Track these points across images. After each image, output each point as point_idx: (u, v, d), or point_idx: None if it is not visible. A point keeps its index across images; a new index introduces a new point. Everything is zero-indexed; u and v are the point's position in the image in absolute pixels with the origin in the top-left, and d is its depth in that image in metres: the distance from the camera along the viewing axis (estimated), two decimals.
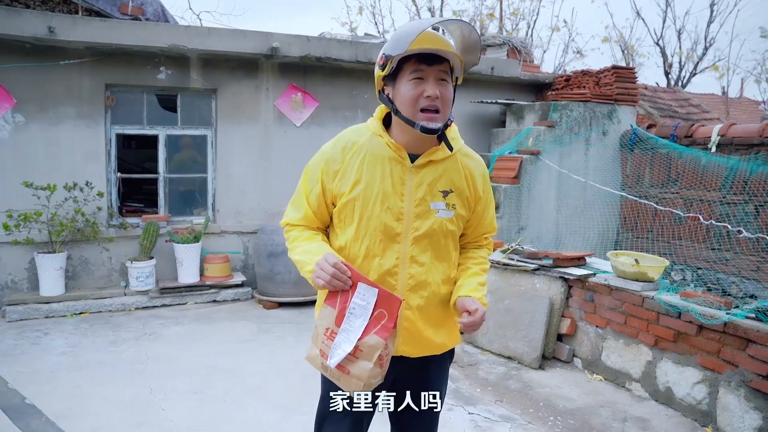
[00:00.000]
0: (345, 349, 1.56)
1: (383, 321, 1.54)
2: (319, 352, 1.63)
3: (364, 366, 1.54)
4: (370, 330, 1.55)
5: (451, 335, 1.87)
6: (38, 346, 4.47)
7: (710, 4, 13.35)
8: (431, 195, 1.71)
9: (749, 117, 11.08)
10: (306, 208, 1.79)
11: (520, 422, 3.37)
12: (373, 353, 1.53)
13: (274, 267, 5.59)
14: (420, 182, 1.70)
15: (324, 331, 1.62)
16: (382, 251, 1.70)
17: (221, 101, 6.09)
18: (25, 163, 5.36)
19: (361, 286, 1.57)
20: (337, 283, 1.58)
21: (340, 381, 1.61)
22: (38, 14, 5.15)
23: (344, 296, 1.59)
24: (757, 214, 5.32)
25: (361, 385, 1.56)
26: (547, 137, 6.30)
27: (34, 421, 3.25)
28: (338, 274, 1.58)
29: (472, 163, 1.81)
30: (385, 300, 1.55)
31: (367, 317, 1.55)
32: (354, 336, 1.56)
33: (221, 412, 3.42)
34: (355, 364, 1.56)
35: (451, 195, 1.74)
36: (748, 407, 3.11)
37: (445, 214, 1.72)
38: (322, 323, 1.64)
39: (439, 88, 1.64)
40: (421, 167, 1.71)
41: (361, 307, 1.56)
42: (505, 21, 12.78)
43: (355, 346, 1.55)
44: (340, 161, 1.72)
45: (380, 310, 1.55)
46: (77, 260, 5.62)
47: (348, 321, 1.57)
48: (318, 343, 1.64)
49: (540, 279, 4.46)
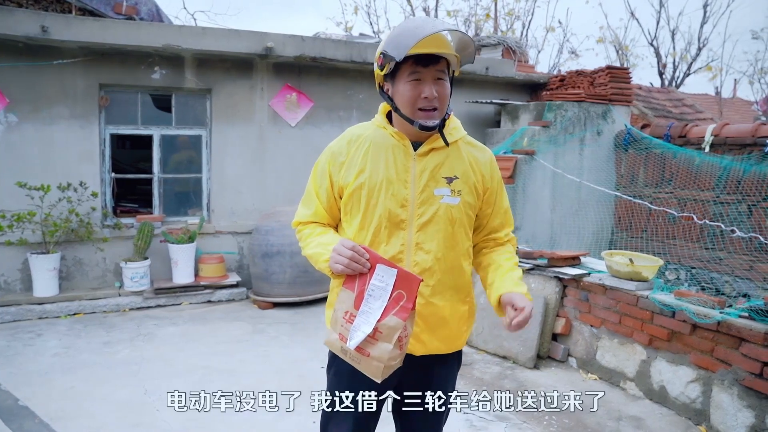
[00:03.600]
0: (364, 330, 1.56)
1: (402, 302, 1.54)
2: (338, 336, 1.62)
3: (384, 347, 1.54)
4: (389, 311, 1.55)
5: (458, 335, 1.82)
6: (32, 347, 4.45)
7: (703, 5, 13.43)
8: (435, 181, 1.71)
9: (742, 117, 11.15)
10: (316, 203, 1.81)
11: (516, 422, 3.38)
12: (393, 334, 1.53)
13: (269, 267, 5.58)
14: (423, 169, 1.71)
15: (343, 315, 1.62)
16: (387, 238, 1.71)
17: (216, 101, 6.08)
18: (18, 163, 5.33)
19: (380, 267, 1.57)
20: (355, 265, 1.59)
21: (360, 364, 1.60)
22: (31, 13, 5.12)
23: (362, 279, 1.60)
24: (750, 213, 5.35)
25: (381, 368, 1.55)
26: (541, 137, 6.32)
27: (27, 422, 3.23)
28: (356, 256, 1.59)
29: (475, 151, 1.82)
30: (404, 280, 1.55)
31: (386, 299, 1.55)
32: (373, 318, 1.56)
33: (215, 412, 3.41)
34: (375, 345, 1.55)
35: (456, 181, 1.73)
36: (741, 405, 3.12)
37: (451, 200, 1.71)
38: (340, 307, 1.64)
39: (436, 88, 1.66)
40: (424, 155, 1.73)
41: (380, 288, 1.56)
42: (500, 21, 12.81)
43: (375, 327, 1.55)
44: (345, 153, 1.76)
45: (399, 291, 1.55)
46: (71, 261, 5.59)
47: (367, 303, 1.57)
48: (337, 327, 1.64)
49: (535, 279, 4.47)
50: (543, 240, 6.28)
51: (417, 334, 1.72)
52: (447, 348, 1.82)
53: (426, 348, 1.77)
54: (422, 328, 1.73)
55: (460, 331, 1.82)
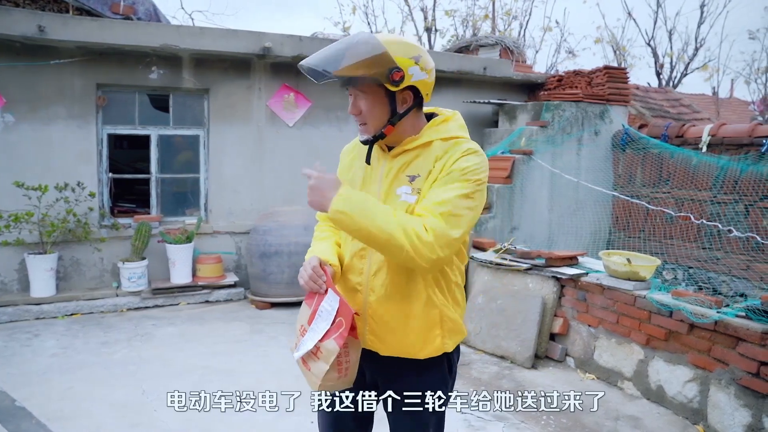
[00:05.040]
0: (308, 346, 1.67)
1: (341, 329, 1.63)
2: (294, 344, 1.76)
3: (321, 367, 1.64)
4: (330, 335, 1.64)
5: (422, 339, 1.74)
6: (29, 347, 4.44)
7: (700, 5, 13.45)
8: (398, 180, 1.73)
9: (739, 117, 11.17)
10: None
11: (513, 421, 3.38)
12: (329, 357, 1.63)
13: (267, 267, 5.58)
14: (390, 168, 1.75)
15: (299, 326, 1.76)
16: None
17: (213, 101, 6.07)
18: (15, 163, 5.32)
19: (330, 292, 1.68)
20: (312, 284, 1.70)
21: (304, 374, 1.74)
22: (28, 13, 5.10)
23: (319, 298, 1.71)
24: (747, 213, 5.37)
25: (317, 383, 1.66)
26: (539, 137, 6.32)
27: (24, 423, 3.23)
28: (314, 276, 1.70)
29: (450, 146, 1.71)
30: (343, 309, 1.64)
31: (329, 322, 1.65)
32: (317, 336, 1.66)
33: (214, 412, 3.41)
34: (315, 363, 1.67)
35: (418, 179, 1.71)
36: (738, 405, 3.13)
37: (408, 198, 1.70)
38: (300, 318, 1.77)
39: (357, 104, 1.76)
40: (395, 156, 1.76)
41: (327, 311, 1.67)
42: (497, 21, 12.81)
43: (317, 346, 1.66)
44: (342, 160, 1.94)
45: (340, 318, 1.64)
46: (68, 261, 5.58)
47: (315, 322, 1.69)
48: (295, 335, 1.78)
49: (532, 279, 4.48)
50: (541, 240, 6.29)
51: (378, 334, 1.76)
52: (413, 351, 1.75)
53: (388, 349, 1.77)
54: (381, 328, 1.76)
55: (429, 336, 1.74)
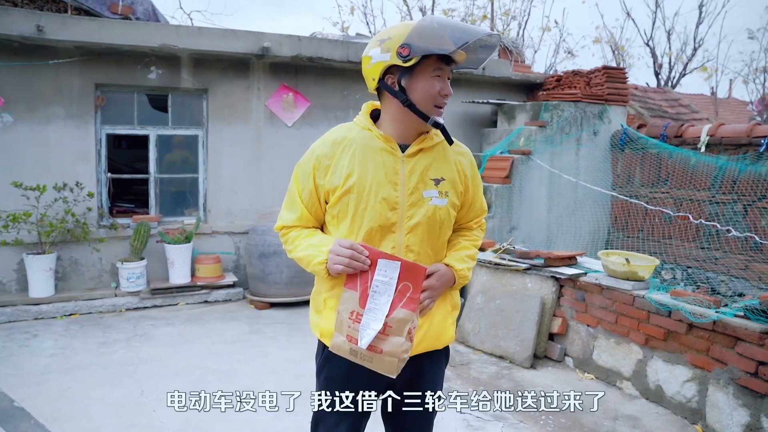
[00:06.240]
0: (374, 327, 1.55)
1: (409, 293, 1.54)
2: (346, 337, 1.60)
3: (396, 341, 1.54)
4: (396, 304, 1.54)
5: (444, 329, 1.83)
6: (27, 348, 4.43)
7: (699, 5, 13.46)
8: (423, 183, 1.72)
9: (737, 117, 11.17)
10: (301, 207, 1.78)
11: (512, 421, 3.39)
12: (403, 327, 1.53)
13: (266, 267, 5.57)
14: (412, 170, 1.71)
15: (349, 316, 1.60)
16: (379, 241, 1.70)
17: (212, 101, 6.06)
18: (13, 163, 5.31)
19: (382, 262, 1.57)
20: (356, 264, 1.59)
21: (372, 362, 1.58)
22: (26, 13, 5.09)
23: (364, 277, 1.59)
24: (745, 213, 5.38)
25: (395, 362, 1.55)
26: (538, 137, 6.33)
27: (22, 424, 3.22)
28: (356, 254, 1.59)
29: (459, 151, 1.85)
30: (408, 271, 1.55)
31: (391, 293, 1.55)
32: (381, 313, 1.55)
33: (214, 412, 3.40)
34: (386, 341, 1.55)
35: (443, 183, 1.75)
36: (736, 404, 3.14)
37: (439, 202, 1.73)
38: (344, 308, 1.61)
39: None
40: (412, 156, 1.72)
41: (384, 283, 1.56)
42: (496, 21, 12.81)
43: (384, 323, 1.54)
44: (330, 155, 1.72)
45: (404, 283, 1.55)
46: (67, 261, 5.58)
47: (373, 299, 1.56)
48: (343, 329, 1.61)
49: (531, 278, 4.48)
50: (540, 240, 6.29)
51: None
52: (436, 343, 1.81)
53: (417, 345, 1.76)
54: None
55: (445, 326, 1.83)
